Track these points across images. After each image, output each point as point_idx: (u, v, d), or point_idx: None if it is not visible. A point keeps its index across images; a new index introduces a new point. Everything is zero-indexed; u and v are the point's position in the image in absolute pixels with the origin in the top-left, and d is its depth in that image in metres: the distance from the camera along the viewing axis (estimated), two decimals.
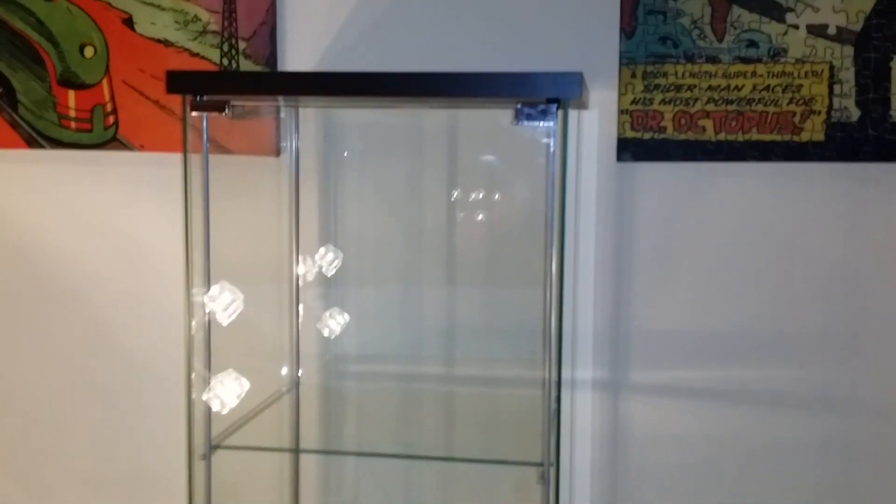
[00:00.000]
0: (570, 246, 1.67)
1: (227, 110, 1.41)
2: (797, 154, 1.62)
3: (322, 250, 1.75)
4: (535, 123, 1.30)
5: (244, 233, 1.67)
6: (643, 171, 1.67)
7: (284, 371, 1.75)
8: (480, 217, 1.72)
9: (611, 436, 1.72)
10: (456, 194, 1.72)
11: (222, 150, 1.68)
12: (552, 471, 1.36)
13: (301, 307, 1.74)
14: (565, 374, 1.69)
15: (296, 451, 1.78)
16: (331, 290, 1.76)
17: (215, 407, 1.46)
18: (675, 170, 1.65)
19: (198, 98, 1.38)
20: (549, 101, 1.29)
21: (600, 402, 1.72)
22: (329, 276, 1.75)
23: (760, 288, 1.66)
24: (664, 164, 1.65)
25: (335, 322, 1.76)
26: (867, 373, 1.65)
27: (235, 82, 1.42)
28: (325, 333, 1.75)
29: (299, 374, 1.75)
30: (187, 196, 1.42)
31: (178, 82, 1.38)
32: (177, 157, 1.43)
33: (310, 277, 1.75)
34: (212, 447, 1.47)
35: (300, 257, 1.73)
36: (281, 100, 1.62)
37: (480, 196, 1.71)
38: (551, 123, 1.30)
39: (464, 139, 1.71)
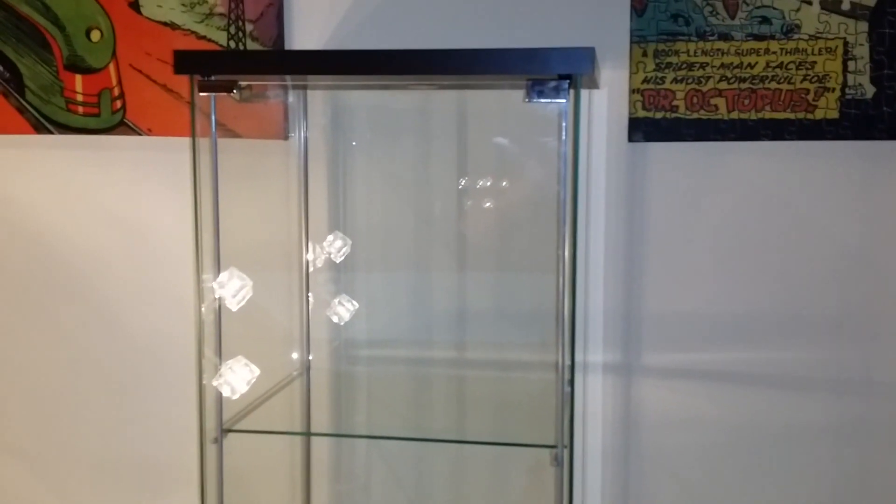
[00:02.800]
0: (581, 228, 1.66)
1: (235, 91, 1.40)
2: (811, 132, 1.60)
3: (331, 237, 1.74)
4: (547, 100, 1.29)
5: (253, 217, 1.66)
6: (655, 151, 1.65)
7: (295, 356, 1.74)
8: (491, 200, 1.71)
9: (623, 419, 1.71)
10: (466, 177, 1.70)
11: (231, 133, 1.68)
12: (566, 453, 1.35)
13: (311, 293, 1.73)
14: (577, 357, 1.68)
15: (307, 434, 1.78)
16: (340, 275, 1.76)
17: (226, 392, 1.45)
18: (687, 149, 1.64)
19: (206, 78, 1.37)
20: (561, 77, 1.28)
21: (612, 386, 1.71)
22: (338, 261, 1.74)
23: (774, 269, 1.64)
24: (676, 144, 1.64)
25: (345, 308, 1.75)
26: (883, 354, 1.63)
27: (243, 61, 1.41)
28: (335, 319, 1.74)
29: (310, 359, 1.75)
30: (196, 175, 1.41)
31: (186, 62, 1.37)
32: (185, 142, 1.42)
33: (319, 263, 1.74)
34: (223, 431, 1.46)
35: (309, 242, 1.72)
36: (289, 80, 1.61)
37: (491, 179, 1.70)
38: (563, 100, 1.29)
39: (474, 121, 1.70)
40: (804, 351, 1.65)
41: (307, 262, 1.72)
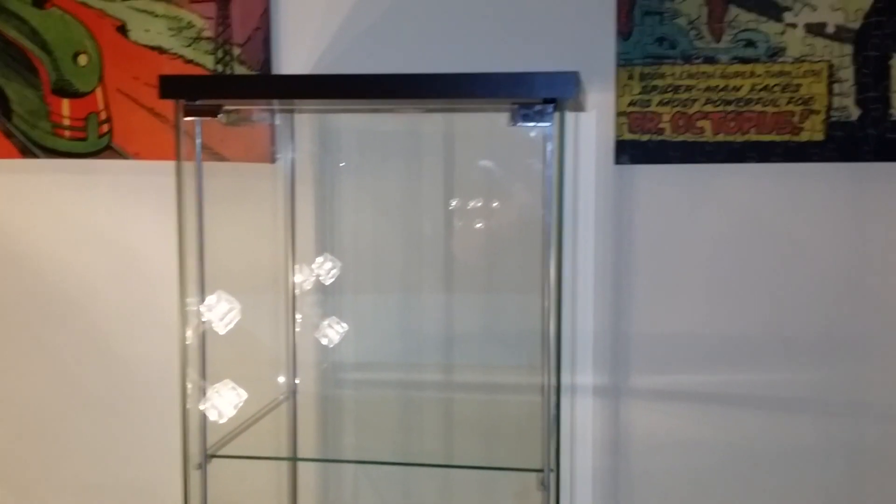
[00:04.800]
0: (568, 250, 1.66)
1: (220, 115, 1.39)
2: (797, 154, 1.60)
3: (319, 259, 1.73)
4: (532, 124, 1.29)
5: (240, 241, 1.66)
6: (642, 173, 1.65)
7: (282, 380, 1.73)
8: (478, 222, 1.71)
9: (612, 441, 1.70)
10: (453, 200, 1.70)
11: (217, 157, 1.68)
12: (552, 477, 1.34)
13: (299, 316, 1.72)
14: (565, 379, 1.67)
15: (293, 459, 1.76)
16: (328, 297, 1.75)
17: (212, 416, 1.44)
18: (673, 172, 1.64)
19: (191, 103, 1.37)
20: (546, 101, 1.28)
21: (601, 408, 1.70)
22: (326, 283, 1.74)
23: (762, 290, 1.64)
24: (663, 167, 1.64)
25: (333, 330, 1.74)
26: (870, 374, 1.63)
27: (228, 86, 1.41)
28: (324, 342, 1.74)
29: (296, 383, 1.74)
30: (181, 202, 1.40)
31: (171, 87, 1.37)
32: (172, 165, 1.42)
33: (307, 285, 1.73)
34: (207, 457, 1.45)
35: (297, 265, 1.72)
36: (276, 104, 1.61)
37: (478, 201, 1.70)
38: (548, 124, 1.29)
39: (460, 144, 1.70)
40: (792, 372, 1.65)
41: (294, 285, 1.71)
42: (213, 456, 1.45)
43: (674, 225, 1.65)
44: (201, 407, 1.44)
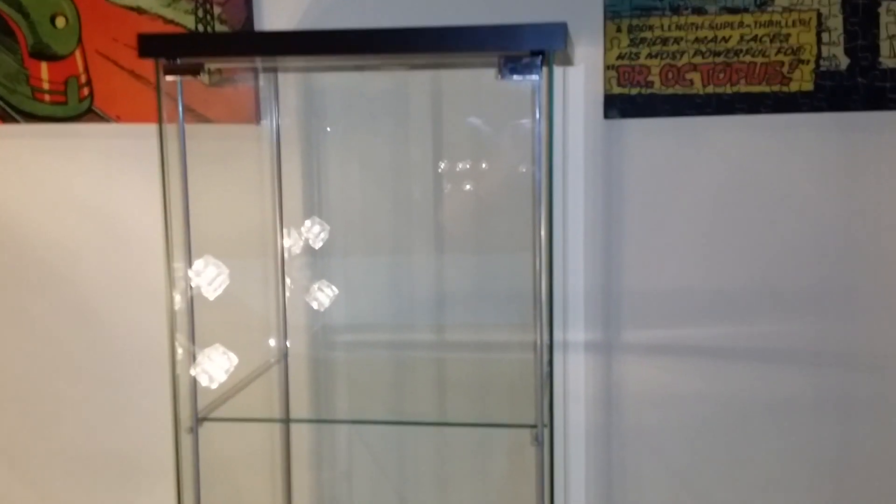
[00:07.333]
0: (558, 206, 1.65)
1: (203, 74, 1.37)
2: (786, 105, 1.59)
3: (308, 222, 1.72)
4: (520, 77, 1.27)
5: (227, 204, 1.64)
6: (631, 127, 1.64)
7: (273, 343, 1.72)
8: (468, 181, 1.69)
9: (604, 397, 1.71)
10: (442, 159, 1.69)
11: (201, 118, 1.65)
12: (546, 432, 1.34)
13: (288, 279, 1.71)
14: (557, 336, 1.67)
15: (286, 420, 1.76)
16: (317, 260, 1.74)
17: (203, 381, 1.43)
18: (663, 125, 1.63)
19: (171, 61, 1.34)
20: (534, 53, 1.26)
21: (593, 364, 1.70)
22: (315, 247, 1.73)
23: (752, 243, 1.64)
24: (652, 120, 1.63)
25: (323, 294, 1.73)
26: (861, 325, 1.64)
27: (209, 43, 1.38)
28: (314, 305, 1.73)
29: (287, 346, 1.73)
30: (164, 165, 1.38)
31: (151, 46, 1.34)
32: (154, 128, 1.39)
33: (296, 249, 1.72)
34: (198, 420, 1.44)
35: (285, 228, 1.70)
36: (258, 62, 1.58)
37: (467, 160, 1.69)
38: (536, 77, 1.27)
39: (448, 101, 1.68)
40: (783, 325, 1.65)
41: (282, 248, 1.70)
42: (205, 419, 1.45)
43: (664, 178, 1.64)
44: (192, 372, 1.43)
